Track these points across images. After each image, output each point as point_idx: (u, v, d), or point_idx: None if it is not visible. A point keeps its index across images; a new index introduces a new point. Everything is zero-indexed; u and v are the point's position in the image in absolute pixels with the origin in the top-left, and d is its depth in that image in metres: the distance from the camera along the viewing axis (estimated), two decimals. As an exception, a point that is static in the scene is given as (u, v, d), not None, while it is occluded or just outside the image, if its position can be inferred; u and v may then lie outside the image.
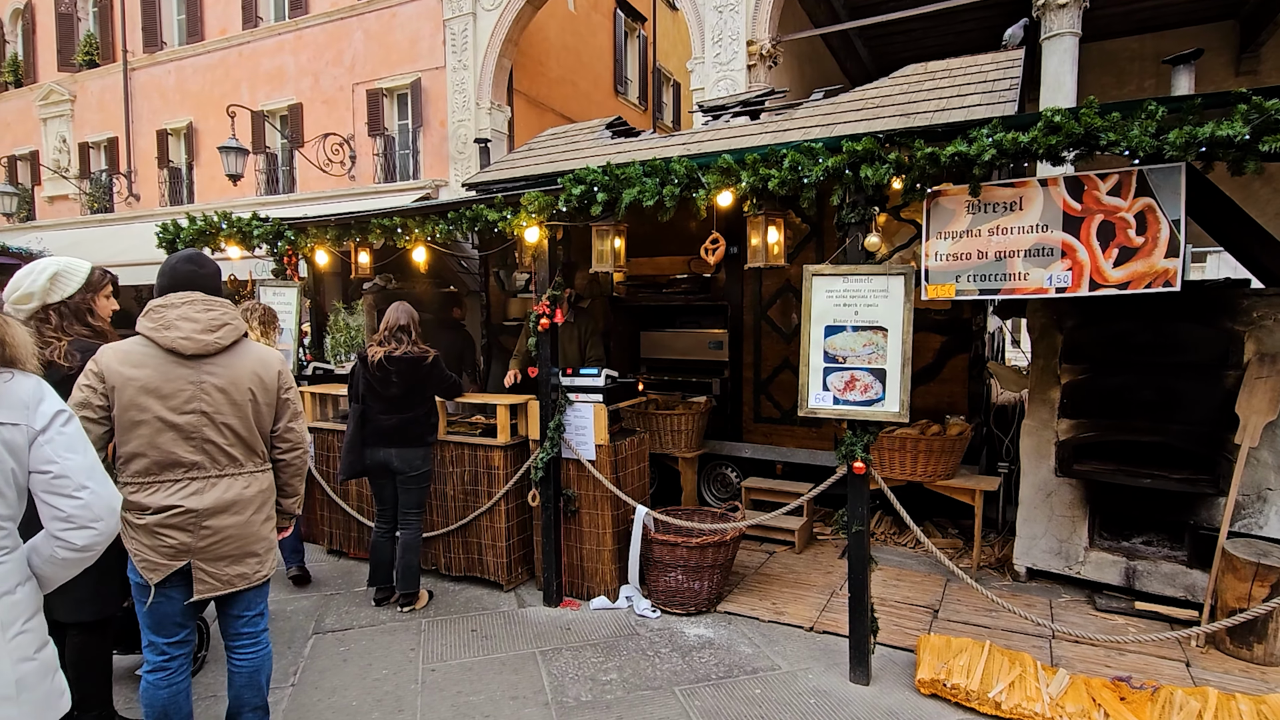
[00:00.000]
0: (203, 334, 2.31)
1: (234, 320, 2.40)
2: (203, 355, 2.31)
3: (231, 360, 2.37)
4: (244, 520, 2.36)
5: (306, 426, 2.56)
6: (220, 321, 2.36)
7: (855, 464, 3.19)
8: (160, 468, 2.27)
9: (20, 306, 2.53)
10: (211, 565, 2.32)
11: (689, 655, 3.51)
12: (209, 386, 2.31)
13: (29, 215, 17.69)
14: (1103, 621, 3.85)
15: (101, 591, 2.60)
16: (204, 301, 2.36)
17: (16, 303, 2.55)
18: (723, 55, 9.65)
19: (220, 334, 2.34)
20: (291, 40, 13.80)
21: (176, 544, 2.27)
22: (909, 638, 3.61)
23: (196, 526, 2.28)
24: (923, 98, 4.42)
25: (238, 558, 2.36)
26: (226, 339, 2.35)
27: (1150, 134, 2.58)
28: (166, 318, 2.30)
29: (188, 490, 2.29)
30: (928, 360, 5.12)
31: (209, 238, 5.23)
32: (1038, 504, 4.27)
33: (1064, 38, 8.55)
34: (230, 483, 2.35)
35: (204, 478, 2.31)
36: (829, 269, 3.22)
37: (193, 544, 2.28)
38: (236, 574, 2.37)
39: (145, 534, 2.26)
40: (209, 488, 2.31)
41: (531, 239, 3.95)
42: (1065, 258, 2.90)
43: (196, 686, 3.17)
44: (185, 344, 2.28)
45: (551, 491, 4.11)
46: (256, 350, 2.46)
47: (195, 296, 2.36)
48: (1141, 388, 3.97)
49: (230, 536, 2.33)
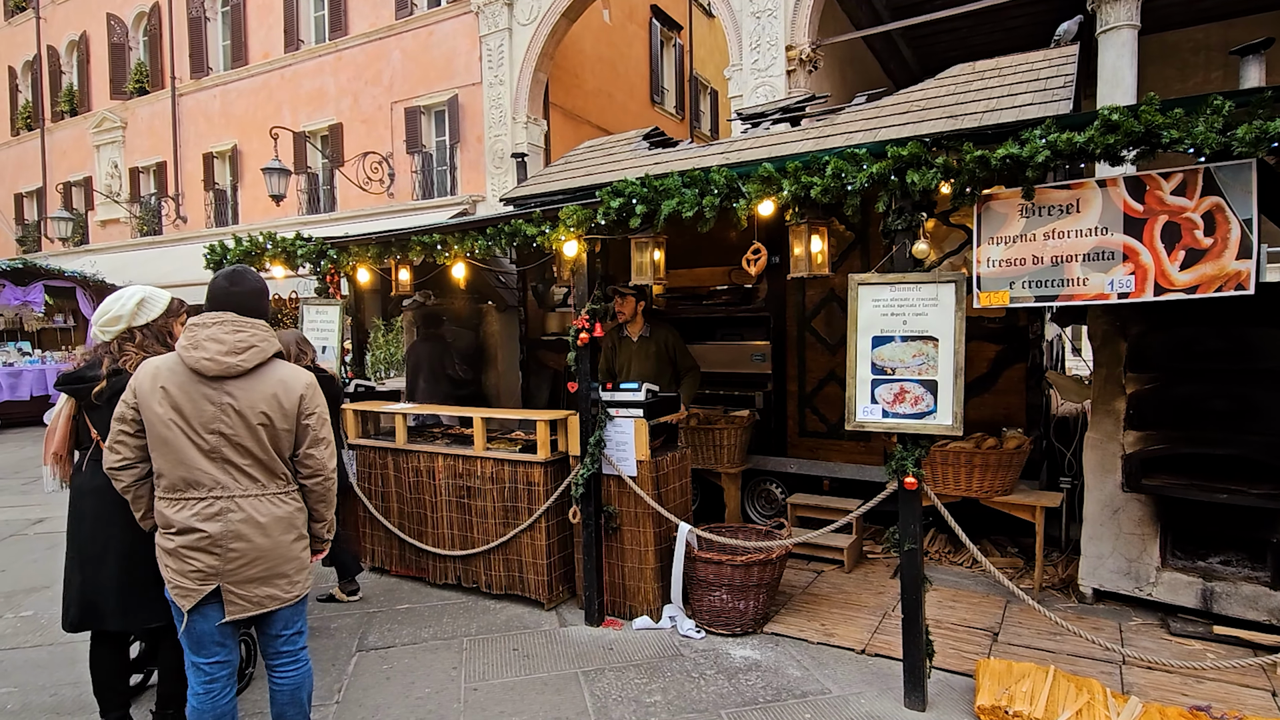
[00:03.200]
0: (227, 355, 2.36)
1: (262, 343, 2.44)
2: (226, 377, 2.37)
3: (252, 383, 2.41)
4: (272, 542, 2.41)
5: (333, 453, 2.59)
6: (247, 344, 2.41)
7: (906, 479, 3.14)
8: (186, 484, 2.35)
9: (108, 328, 2.82)
10: (241, 587, 2.38)
11: (735, 678, 3.48)
12: (228, 408, 2.37)
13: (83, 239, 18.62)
14: (1178, 646, 3.69)
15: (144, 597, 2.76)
16: (234, 323, 2.42)
17: (105, 325, 2.82)
18: (761, 61, 9.68)
19: (244, 356, 2.39)
20: (331, 61, 14.31)
21: (204, 567, 2.34)
22: (967, 662, 3.52)
23: (223, 549, 2.34)
24: (971, 99, 4.36)
25: (266, 579, 2.42)
26: (250, 361, 2.40)
27: (1217, 130, 2.51)
28: (197, 338, 2.38)
29: (212, 510, 2.35)
30: (982, 370, 5.01)
31: (254, 258, 5.43)
32: (1104, 521, 4.13)
33: (1121, 31, 8.35)
34: (255, 504, 2.40)
35: (228, 497, 2.37)
36: (875, 278, 3.19)
37: (220, 566, 2.35)
38: (266, 595, 2.42)
39: (174, 559, 2.35)
40: (233, 508, 2.37)
41: (570, 253, 4.01)
42: (1127, 261, 2.83)
43: (244, 704, 3.27)
44: (208, 365, 2.35)
45: (592, 508, 4.13)
46: (282, 373, 2.49)
47: (227, 317, 2.43)
48: (1214, 397, 3.82)
49: (257, 558, 2.39)
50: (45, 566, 4.84)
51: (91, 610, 2.79)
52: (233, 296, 2.47)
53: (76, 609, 2.82)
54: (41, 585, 4.83)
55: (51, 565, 5.03)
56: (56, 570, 5.04)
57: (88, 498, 2.83)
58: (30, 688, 3.49)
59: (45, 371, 12.14)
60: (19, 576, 5.04)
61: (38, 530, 6.13)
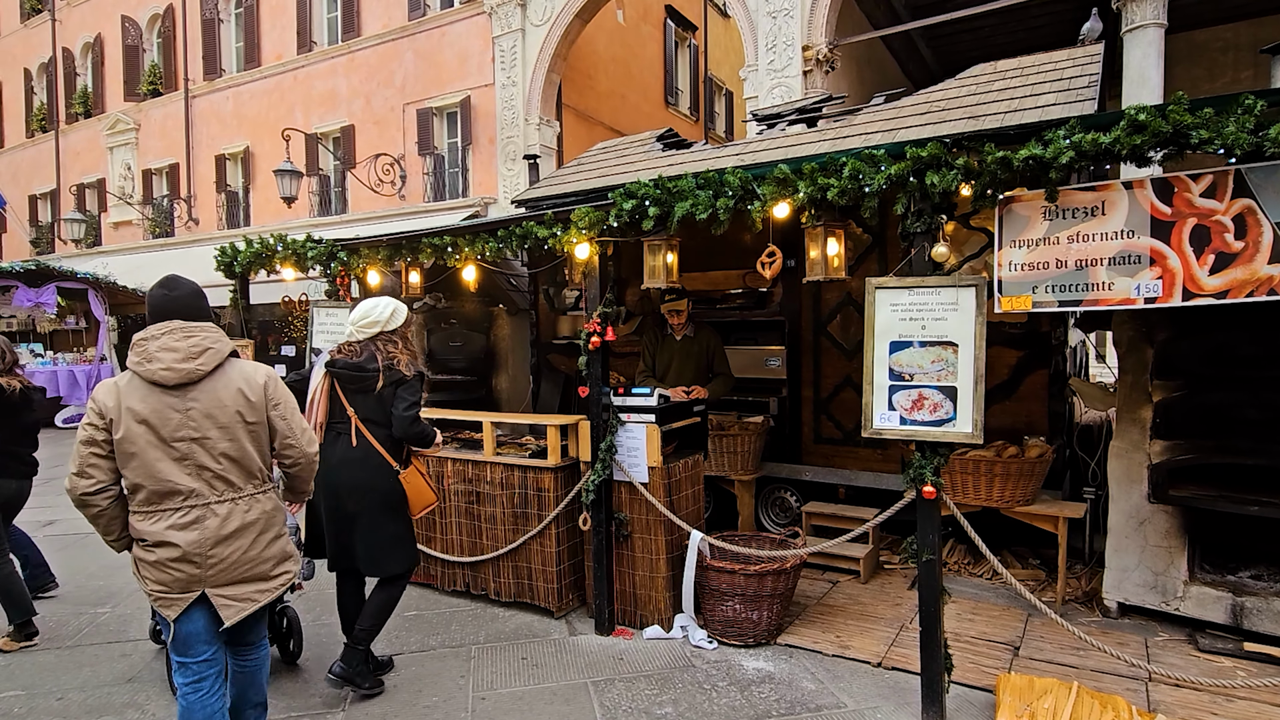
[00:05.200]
0: (183, 363, 2.40)
1: (216, 344, 2.48)
2: (187, 384, 2.41)
3: (215, 385, 2.45)
4: (248, 544, 2.49)
5: (311, 438, 2.69)
6: (201, 347, 2.44)
7: (925, 488, 3.11)
8: (160, 496, 2.39)
9: (366, 329, 3.40)
10: (227, 589, 2.46)
11: (748, 690, 3.46)
12: (195, 413, 2.41)
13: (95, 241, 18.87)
14: (1206, 663, 3.62)
15: (413, 546, 3.55)
16: (183, 329, 2.45)
17: (364, 326, 3.39)
18: (777, 62, 9.66)
19: (202, 360, 2.43)
20: (344, 63, 14.44)
21: (186, 576, 2.40)
22: (987, 676, 3.47)
23: (201, 557, 2.40)
24: (992, 99, 4.33)
25: (249, 579, 2.51)
26: (209, 364, 2.44)
27: (1248, 130, 2.47)
28: (148, 350, 2.41)
29: (188, 519, 2.40)
30: (1003, 377, 4.96)
31: (265, 260, 5.48)
32: (1129, 533, 4.07)
33: (1147, 29, 8.26)
34: (230, 508, 2.46)
35: (203, 504, 2.42)
36: (893, 281, 3.17)
37: (201, 574, 2.41)
38: (255, 590, 2.53)
39: (154, 569, 2.41)
40: (209, 515, 2.42)
41: (582, 255, 4.01)
42: (1154, 265, 2.78)
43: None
44: (167, 375, 2.38)
45: (603, 515, 4.12)
46: (241, 369, 2.54)
47: (174, 324, 2.45)
48: (1245, 405, 3.76)
49: (236, 562, 2.47)
50: (55, 569, 4.88)
51: (347, 554, 3.46)
52: (173, 302, 2.50)
53: (339, 555, 3.49)
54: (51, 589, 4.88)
55: (63, 568, 5.07)
56: (67, 573, 5.10)
57: (345, 467, 3.38)
58: (38, 691, 3.52)
59: (58, 374, 12.24)
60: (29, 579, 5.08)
61: (48, 533, 6.20)
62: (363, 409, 3.41)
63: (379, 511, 3.40)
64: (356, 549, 3.44)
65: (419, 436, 3.43)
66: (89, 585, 4.95)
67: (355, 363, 3.39)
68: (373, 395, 3.38)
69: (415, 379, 3.41)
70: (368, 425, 3.40)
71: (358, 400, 3.41)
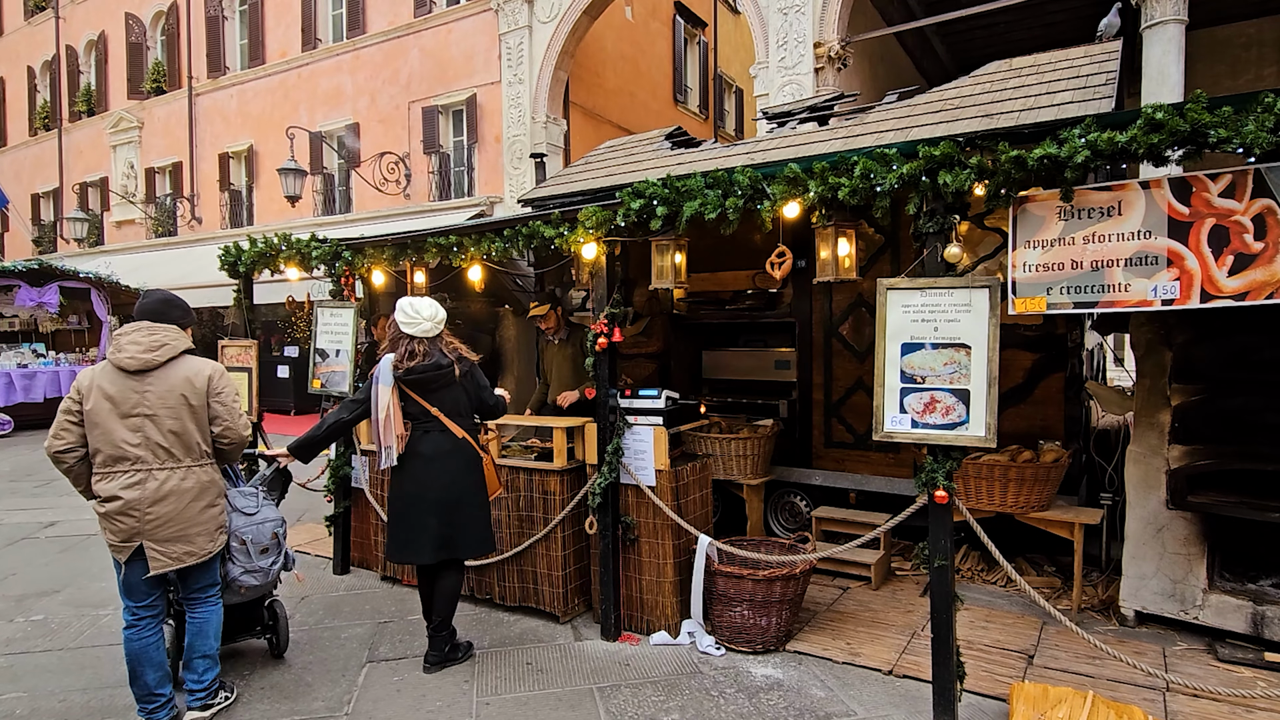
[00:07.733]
0: (145, 353, 3.10)
1: (172, 341, 3.17)
2: (145, 370, 3.08)
3: (167, 374, 3.13)
4: (181, 507, 3.10)
5: (246, 423, 3.31)
6: (160, 343, 3.14)
7: (937, 493, 3.11)
8: (113, 460, 3.04)
9: (439, 327, 3.74)
10: (160, 545, 3.06)
11: (756, 697, 3.46)
12: (150, 395, 3.08)
13: (98, 240, 19.04)
14: (1226, 673, 3.61)
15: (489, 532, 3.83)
16: (149, 328, 3.16)
17: (438, 323, 3.73)
18: (788, 59, 9.67)
19: (158, 352, 3.12)
20: (349, 60, 14.52)
21: (127, 528, 3.03)
22: (1000, 685, 3.47)
23: (139, 513, 3.02)
24: (1007, 97, 4.33)
25: (180, 538, 3.10)
26: (163, 356, 3.12)
27: (1268, 129, 2.47)
28: (120, 342, 3.13)
29: (132, 480, 3.03)
30: (1017, 380, 4.95)
31: (269, 259, 5.52)
32: (1147, 540, 4.05)
33: (1168, 26, 8.23)
34: (168, 475, 3.09)
35: (146, 470, 3.06)
36: (905, 282, 3.17)
37: (139, 528, 3.03)
38: (184, 551, 3.11)
39: (106, 520, 3.05)
40: (149, 479, 3.05)
41: (589, 255, 4.03)
42: (1172, 267, 2.78)
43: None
44: (129, 362, 3.08)
45: (609, 519, 4.14)
46: (190, 364, 3.20)
47: (143, 325, 3.16)
48: (1267, 410, 3.74)
49: (169, 520, 3.07)
50: (57, 570, 4.93)
51: (448, 545, 3.66)
52: (145, 309, 3.22)
53: (440, 547, 3.65)
54: (52, 589, 4.94)
55: (63, 569, 5.13)
56: (68, 574, 5.16)
57: (440, 459, 3.65)
58: (40, 693, 3.56)
59: (60, 374, 12.32)
60: (31, 580, 5.15)
61: (49, 534, 6.27)
62: (444, 404, 3.69)
63: (475, 495, 3.72)
64: (458, 537, 3.67)
65: (499, 406, 3.90)
66: (90, 587, 5.00)
67: (432, 363, 3.67)
68: (453, 388, 3.70)
69: (475, 362, 3.83)
70: (453, 419, 3.70)
71: (436, 397, 3.68)
